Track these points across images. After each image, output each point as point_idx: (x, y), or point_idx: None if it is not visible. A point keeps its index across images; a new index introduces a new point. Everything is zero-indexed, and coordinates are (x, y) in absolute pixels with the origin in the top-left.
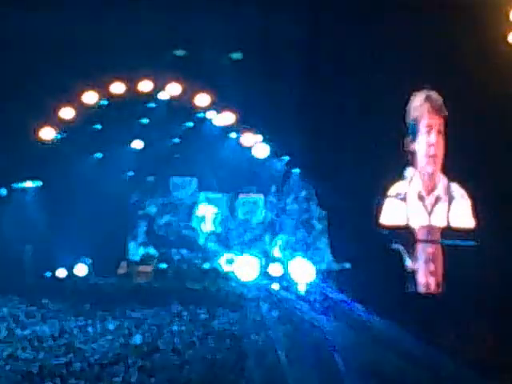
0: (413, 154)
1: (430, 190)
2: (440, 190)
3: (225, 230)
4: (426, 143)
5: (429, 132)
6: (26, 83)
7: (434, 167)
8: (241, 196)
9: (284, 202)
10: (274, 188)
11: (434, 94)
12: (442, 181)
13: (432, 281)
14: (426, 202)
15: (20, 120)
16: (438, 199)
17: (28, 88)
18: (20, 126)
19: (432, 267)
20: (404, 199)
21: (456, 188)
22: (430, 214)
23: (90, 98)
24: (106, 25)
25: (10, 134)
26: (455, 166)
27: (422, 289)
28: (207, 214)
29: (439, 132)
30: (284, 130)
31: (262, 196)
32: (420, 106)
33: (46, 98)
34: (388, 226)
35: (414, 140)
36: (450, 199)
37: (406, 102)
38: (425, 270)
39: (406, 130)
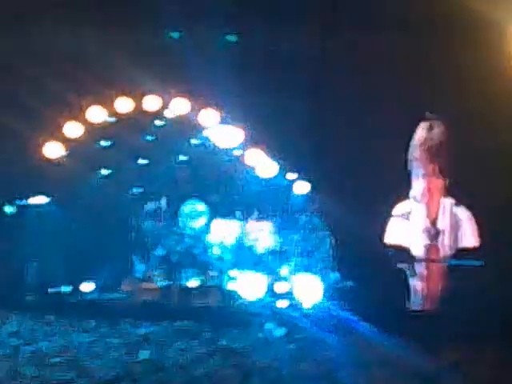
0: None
1: (432, 223)
2: (442, 223)
3: (233, 255)
4: (421, 174)
5: (423, 164)
6: (31, 98)
7: (431, 197)
8: (251, 222)
9: (290, 229)
10: (278, 215)
11: (435, 125)
12: (444, 210)
13: (434, 299)
14: (428, 235)
15: (25, 136)
16: (439, 232)
17: (33, 103)
18: (25, 141)
19: (434, 285)
20: (408, 218)
21: (461, 211)
22: (431, 244)
23: (97, 114)
24: (114, 39)
25: (15, 150)
26: (458, 187)
27: (424, 307)
28: (216, 239)
29: (432, 163)
30: (289, 147)
31: (270, 222)
32: (418, 138)
33: (51, 113)
34: (392, 245)
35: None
36: (455, 224)
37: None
38: (427, 289)
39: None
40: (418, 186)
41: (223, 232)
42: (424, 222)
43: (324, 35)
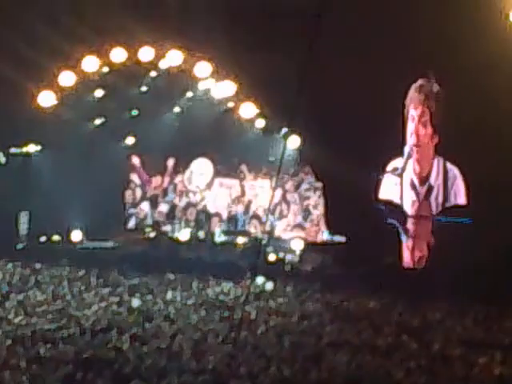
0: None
1: (423, 180)
2: (433, 178)
3: (230, 212)
4: (410, 132)
5: (412, 121)
6: (25, 46)
7: (420, 155)
8: (249, 179)
9: (283, 187)
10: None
11: (427, 84)
12: (436, 166)
13: (422, 256)
14: (418, 191)
15: (19, 84)
16: (430, 189)
17: (28, 51)
18: (19, 90)
19: (422, 242)
20: (400, 175)
21: (453, 169)
22: (421, 201)
23: (91, 63)
24: None
25: (9, 98)
26: (449, 147)
27: (412, 263)
28: (213, 194)
29: (421, 121)
30: (282, 102)
31: (268, 180)
32: (410, 96)
33: (45, 62)
34: (384, 201)
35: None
36: (446, 181)
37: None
38: (415, 245)
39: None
40: (411, 141)
41: (221, 188)
42: (416, 178)
43: None
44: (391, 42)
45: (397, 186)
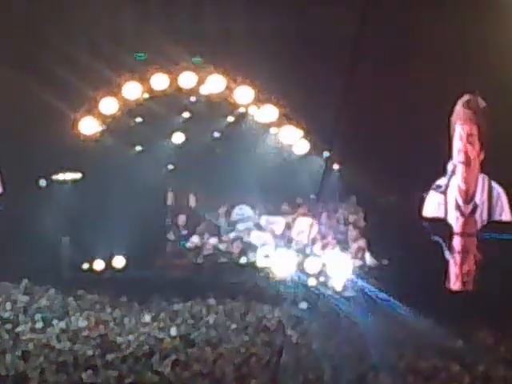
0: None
1: (468, 199)
2: (478, 197)
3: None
4: (457, 150)
5: (459, 138)
6: (67, 73)
7: (467, 173)
8: (298, 217)
9: (323, 221)
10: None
11: (473, 100)
12: (481, 183)
13: (470, 270)
14: (463, 211)
15: (61, 111)
16: (475, 207)
17: (69, 79)
18: (61, 116)
19: (469, 257)
20: (444, 192)
21: (495, 186)
22: (466, 218)
23: (133, 90)
24: (150, 17)
25: (51, 125)
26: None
27: (457, 284)
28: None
29: (469, 139)
30: (323, 123)
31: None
32: (456, 113)
33: (87, 89)
34: (428, 219)
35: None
36: (490, 199)
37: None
38: (462, 261)
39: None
40: (457, 159)
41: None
42: (460, 197)
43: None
44: (434, 58)
45: (441, 204)
